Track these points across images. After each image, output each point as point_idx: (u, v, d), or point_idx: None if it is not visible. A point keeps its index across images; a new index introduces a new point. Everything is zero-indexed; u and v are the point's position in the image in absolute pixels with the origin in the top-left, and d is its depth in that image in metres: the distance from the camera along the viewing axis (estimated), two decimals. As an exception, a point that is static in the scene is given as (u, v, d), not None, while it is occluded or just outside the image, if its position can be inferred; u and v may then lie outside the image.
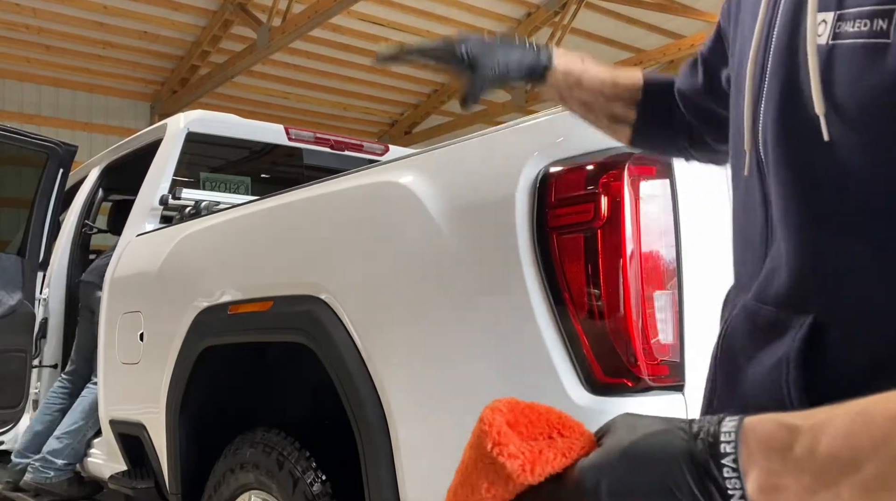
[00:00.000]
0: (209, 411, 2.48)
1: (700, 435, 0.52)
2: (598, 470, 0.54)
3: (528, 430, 0.56)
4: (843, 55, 0.62)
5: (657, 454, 0.52)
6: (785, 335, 0.67)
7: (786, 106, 0.68)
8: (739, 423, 0.51)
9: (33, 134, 3.59)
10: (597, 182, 1.50)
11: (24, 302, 3.47)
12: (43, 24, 8.39)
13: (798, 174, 0.67)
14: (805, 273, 0.68)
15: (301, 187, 2.26)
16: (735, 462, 0.50)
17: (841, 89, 0.62)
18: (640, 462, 0.53)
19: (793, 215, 0.68)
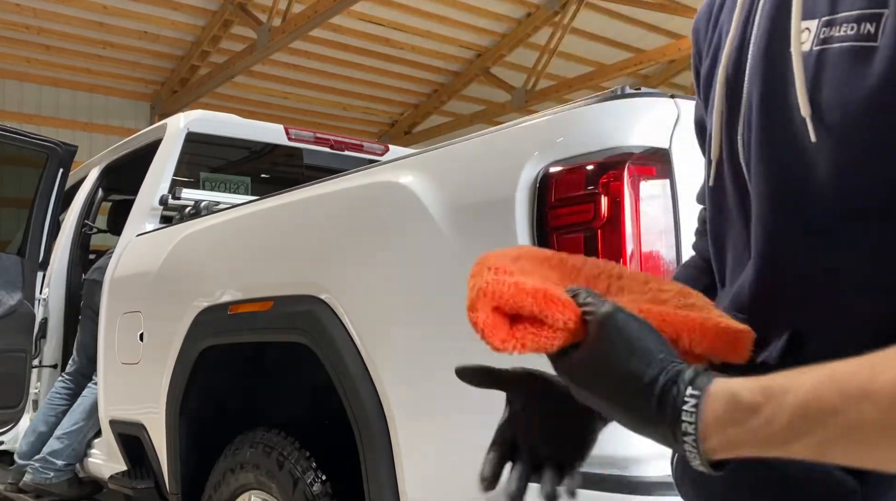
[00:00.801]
0: (209, 411, 2.48)
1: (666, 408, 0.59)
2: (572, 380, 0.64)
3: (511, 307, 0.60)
4: (830, 60, 0.62)
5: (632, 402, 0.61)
6: (767, 344, 0.67)
7: (769, 112, 0.68)
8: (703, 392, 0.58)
9: (33, 134, 3.59)
10: (597, 182, 1.50)
11: (24, 302, 3.47)
12: (43, 24, 8.39)
13: (779, 181, 0.67)
14: (782, 281, 0.67)
15: (301, 187, 2.26)
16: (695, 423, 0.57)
17: (826, 94, 0.63)
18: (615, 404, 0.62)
19: (771, 222, 0.68)
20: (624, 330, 0.62)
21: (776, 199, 0.68)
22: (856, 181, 0.61)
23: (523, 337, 0.61)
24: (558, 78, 10.48)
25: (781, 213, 0.67)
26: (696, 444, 0.58)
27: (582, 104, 1.61)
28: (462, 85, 11.11)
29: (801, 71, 0.64)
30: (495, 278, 0.61)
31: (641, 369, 0.60)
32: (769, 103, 0.68)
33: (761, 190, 0.69)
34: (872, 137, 0.60)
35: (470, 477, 1.67)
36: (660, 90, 1.69)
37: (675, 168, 1.53)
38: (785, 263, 0.67)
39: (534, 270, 0.66)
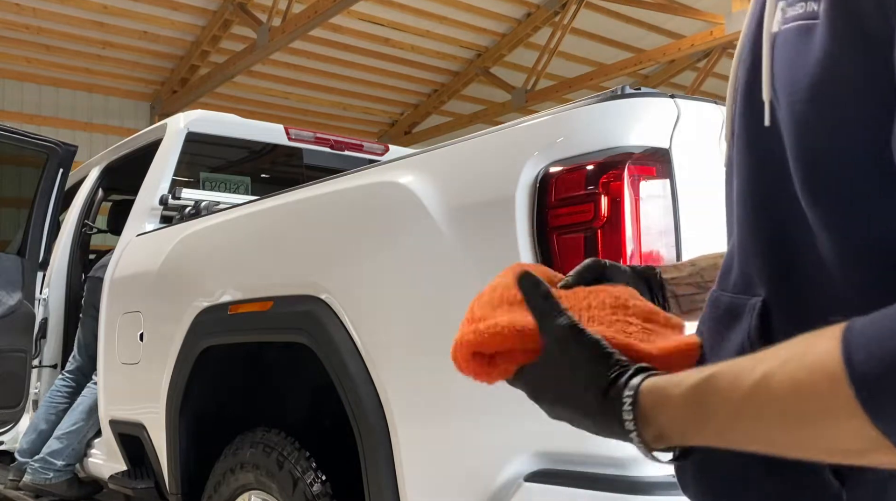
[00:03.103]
0: (209, 411, 2.48)
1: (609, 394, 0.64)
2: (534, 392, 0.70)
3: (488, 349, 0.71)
4: (782, 39, 0.63)
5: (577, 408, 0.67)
6: (741, 319, 0.69)
7: (748, 94, 0.69)
8: (637, 389, 0.63)
9: (33, 134, 3.59)
10: (597, 182, 1.50)
11: (24, 302, 3.47)
12: (43, 24, 8.39)
13: (751, 160, 0.69)
14: (752, 257, 0.69)
15: (301, 187, 2.26)
16: (634, 419, 0.63)
17: (778, 73, 0.63)
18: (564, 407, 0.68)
19: (742, 199, 0.70)
20: (567, 338, 0.68)
21: (747, 182, 0.70)
22: (802, 163, 0.62)
23: (503, 368, 0.71)
24: (558, 78, 10.48)
25: (750, 197, 0.69)
26: (640, 437, 0.63)
27: (582, 104, 1.61)
28: (462, 85, 11.11)
29: (767, 53, 0.65)
30: (467, 329, 0.73)
31: (586, 375, 0.66)
32: (749, 86, 0.69)
33: (737, 173, 0.71)
34: (813, 118, 0.60)
35: (470, 477, 1.67)
36: (660, 90, 1.69)
37: (675, 168, 1.53)
38: (753, 239, 0.69)
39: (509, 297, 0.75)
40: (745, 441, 0.58)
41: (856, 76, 0.57)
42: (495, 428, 1.57)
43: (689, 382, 0.61)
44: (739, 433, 0.58)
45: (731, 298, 0.72)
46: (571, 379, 0.67)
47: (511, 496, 1.53)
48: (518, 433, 1.53)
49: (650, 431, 0.63)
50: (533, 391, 0.71)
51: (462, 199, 1.69)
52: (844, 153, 0.59)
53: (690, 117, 1.59)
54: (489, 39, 10.43)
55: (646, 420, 0.63)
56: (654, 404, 0.62)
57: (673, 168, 1.53)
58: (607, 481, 1.41)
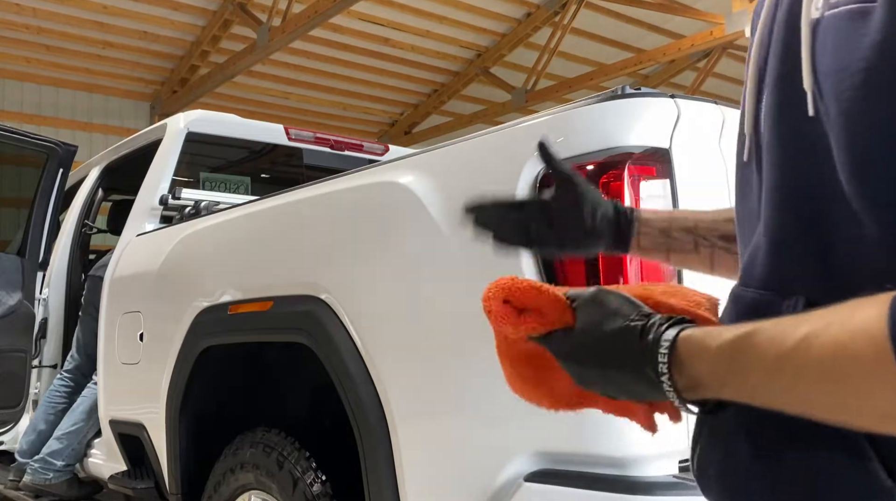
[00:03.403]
0: (209, 411, 2.48)
1: (647, 352, 0.66)
2: (567, 356, 0.72)
3: (518, 302, 0.75)
4: (831, 24, 0.61)
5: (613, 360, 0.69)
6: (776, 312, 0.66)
7: (782, 83, 0.67)
8: (675, 337, 0.65)
9: (33, 134, 3.59)
10: (597, 182, 1.50)
11: (24, 302, 3.47)
12: (43, 24, 8.39)
13: (786, 151, 0.67)
14: (788, 254, 0.67)
15: (301, 187, 2.26)
16: (669, 371, 0.64)
17: (824, 60, 0.61)
18: (600, 362, 0.70)
19: (776, 192, 0.68)
20: (606, 300, 0.72)
21: (783, 175, 0.67)
22: (850, 155, 0.59)
23: (528, 324, 0.74)
24: (558, 78, 10.48)
25: (786, 190, 0.67)
26: (672, 383, 0.64)
27: (582, 104, 1.61)
28: (462, 85, 11.11)
29: (807, 40, 0.63)
30: (504, 280, 0.77)
31: (624, 322, 0.69)
32: (783, 76, 0.67)
33: (770, 163, 0.69)
34: (865, 106, 0.57)
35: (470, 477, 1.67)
36: (660, 90, 1.69)
37: (675, 168, 1.53)
38: (788, 233, 0.67)
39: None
40: (780, 398, 0.58)
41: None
42: (495, 428, 1.57)
43: (728, 335, 0.62)
44: (776, 390, 0.58)
45: (757, 295, 0.70)
46: (605, 334, 0.69)
47: (511, 496, 1.53)
48: (518, 433, 1.53)
49: (683, 379, 0.64)
50: (562, 352, 0.73)
51: (462, 199, 1.69)
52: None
53: (690, 117, 1.59)
54: (489, 39, 10.43)
55: (680, 368, 0.64)
56: (691, 353, 0.64)
57: (673, 168, 1.53)
58: (607, 481, 1.41)
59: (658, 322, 0.67)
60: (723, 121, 1.64)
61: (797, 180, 0.66)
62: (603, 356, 0.69)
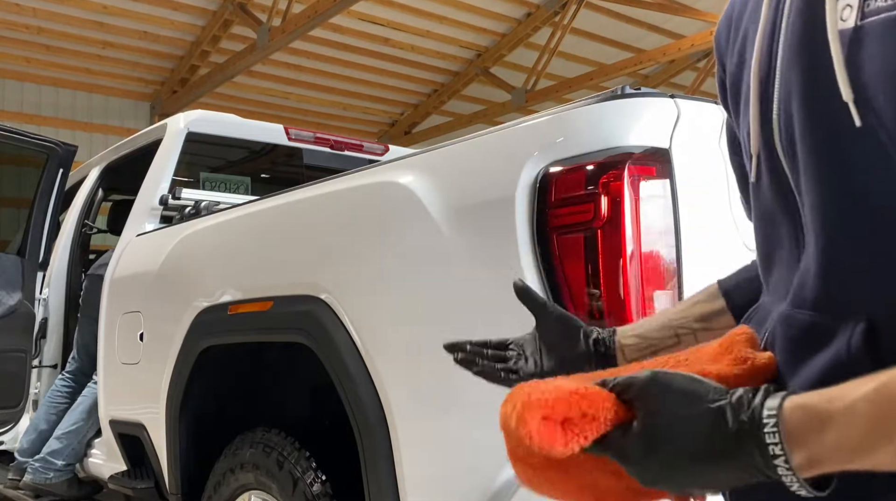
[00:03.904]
0: (209, 411, 2.48)
1: (741, 417, 0.58)
2: (637, 455, 0.62)
3: (559, 414, 0.63)
4: (872, 32, 0.59)
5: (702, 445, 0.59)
6: (832, 340, 0.64)
7: (811, 100, 0.65)
8: (779, 409, 0.57)
9: (33, 134, 3.59)
10: (597, 182, 1.50)
11: (24, 302, 3.47)
12: (43, 24, 8.38)
13: (829, 167, 0.64)
14: (842, 272, 0.64)
15: (301, 187, 2.26)
16: (780, 442, 0.56)
17: (869, 68, 0.59)
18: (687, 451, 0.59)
19: (825, 211, 0.65)
20: (671, 383, 0.62)
21: (831, 188, 0.64)
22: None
23: (581, 437, 0.63)
24: (558, 78, 10.48)
25: (840, 202, 0.64)
26: (789, 464, 0.56)
27: (582, 104, 1.61)
28: (462, 85, 11.11)
29: (838, 52, 0.61)
30: (535, 388, 0.65)
31: (704, 405, 0.60)
32: (811, 91, 0.65)
33: (814, 181, 0.66)
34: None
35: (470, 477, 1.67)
36: (660, 90, 1.69)
37: (675, 168, 1.53)
38: (849, 252, 0.64)
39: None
40: None
41: None
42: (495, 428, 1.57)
43: (853, 395, 0.54)
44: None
45: (811, 316, 0.67)
46: (685, 423, 0.60)
47: (511, 496, 1.53)
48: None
49: (800, 455, 0.56)
50: (630, 454, 0.63)
51: (462, 199, 1.69)
52: None
53: (690, 117, 1.59)
54: (489, 39, 10.43)
55: (795, 443, 0.56)
56: (806, 423, 0.56)
57: (673, 168, 1.52)
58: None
59: (745, 396, 0.59)
60: (723, 121, 1.64)
61: (844, 195, 0.63)
62: (687, 449, 0.60)
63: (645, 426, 0.62)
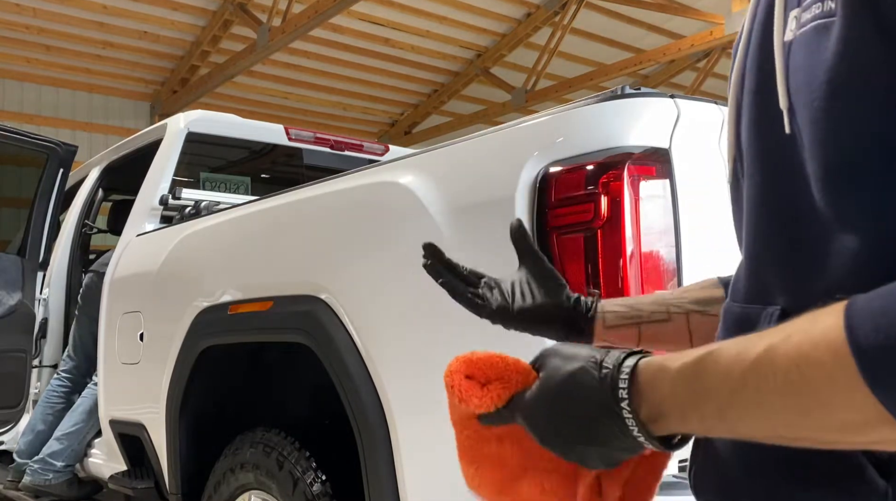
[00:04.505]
0: (209, 411, 2.48)
1: (606, 380, 0.64)
2: (532, 409, 0.69)
3: (482, 375, 0.73)
4: (801, 42, 0.63)
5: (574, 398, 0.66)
6: (755, 328, 0.67)
7: (758, 103, 0.69)
8: (634, 366, 0.64)
9: (33, 134, 3.59)
10: (597, 182, 1.50)
11: (24, 302, 3.47)
12: (43, 24, 8.39)
13: (766, 170, 0.68)
14: (768, 267, 0.69)
15: (301, 187, 2.26)
16: (630, 404, 0.62)
17: (797, 76, 0.63)
18: (563, 405, 0.67)
19: (757, 209, 0.70)
20: (561, 348, 0.70)
21: (763, 192, 0.69)
22: (822, 163, 0.61)
23: (492, 393, 0.72)
24: (558, 78, 10.48)
25: (766, 207, 0.69)
26: (634, 414, 0.62)
27: (582, 104, 1.61)
28: (462, 85, 11.11)
29: (780, 61, 0.65)
30: (470, 353, 0.76)
31: (579, 362, 0.66)
32: (759, 97, 0.69)
33: (750, 183, 0.71)
34: (834, 114, 0.59)
35: (470, 477, 1.66)
36: (660, 90, 1.69)
37: (675, 168, 1.53)
38: (765, 249, 0.69)
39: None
40: (744, 419, 0.58)
41: (876, 64, 0.57)
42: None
43: (689, 357, 0.61)
44: (740, 409, 0.57)
45: (742, 308, 0.72)
46: (564, 377, 0.67)
47: (511, 496, 1.53)
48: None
49: (645, 408, 0.62)
50: (524, 410, 0.70)
51: (462, 199, 1.70)
52: (867, 145, 0.58)
53: (690, 117, 1.59)
54: (489, 39, 10.43)
55: (641, 396, 0.62)
56: (652, 378, 0.62)
57: (673, 168, 1.53)
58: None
59: (616, 354, 0.66)
60: (723, 121, 1.64)
61: (775, 196, 0.67)
62: (563, 401, 0.67)
63: (538, 386, 0.69)
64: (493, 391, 0.72)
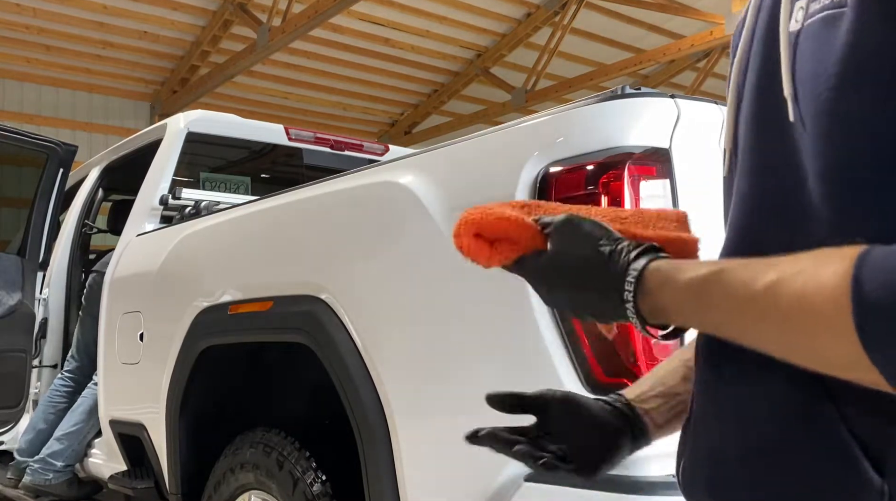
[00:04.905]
0: (209, 411, 2.48)
1: (615, 276, 0.68)
2: (541, 277, 0.74)
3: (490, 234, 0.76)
4: (809, 33, 0.63)
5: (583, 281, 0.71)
6: None
7: (761, 93, 0.69)
8: (643, 268, 0.67)
9: (33, 134, 3.59)
10: (597, 182, 1.50)
11: (24, 302, 3.47)
12: (43, 24, 8.38)
13: (761, 159, 0.69)
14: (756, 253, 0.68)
15: (301, 187, 2.26)
16: (634, 299, 0.67)
17: (804, 66, 0.63)
18: (571, 282, 0.71)
19: (748, 200, 0.70)
20: (580, 224, 0.73)
21: (755, 182, 0.69)
22: (824, 156, 0.60)
23: (500, 254, 0.76)
24: (558, 78, 10.48)
25: (758, 198, 0.69)
26: (636, 309, 0.67)
27: (582, 104, 1.61)
28: (462, 85, 11.11)
29: (786, 50, 0.65)
30: (474, 211, 0.77)
31: (594, 246, 0.70)
32: (762, 86, 0.69)
33: (742, 173, 0.71)
34: (841, 105, 0.59)
35: (470, 477, 1.67)
36: (660, 90, 1.69)
37: (675, 168, 1.53)
38: (746, 244, 0.69)
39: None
40: (739, 334, 0.61)
41: (887, 56, 0.56)
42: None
43: (698, 271, 0.64)
44: (737, 327, 0.61)
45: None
46: (576, 257, 0.71)
47: (511, 496, 1.53)
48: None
49: (647, 306, 0.67)
50: (533, 274, 0.74)
51: (462, 199, 1.69)
52: (875, 139, 0.58)
53: (690, 117, 1.59)
54: (489, 39, 10.43)
55: (645, 297, 0.66)
56: (659, 284, 0.66)
57: (673, 168, 1.52)
58: (607, 481, 1.41)
59: (627, 249, 0.69)
60: (723, 121, 1.64)
61: (770, 192, 0.67)
62: (572, 278, 0.71)
63: (550, 255, 0.73)
64: (501, 251, 0.75)
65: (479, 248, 0.76)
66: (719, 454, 0.69)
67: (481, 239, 0.76)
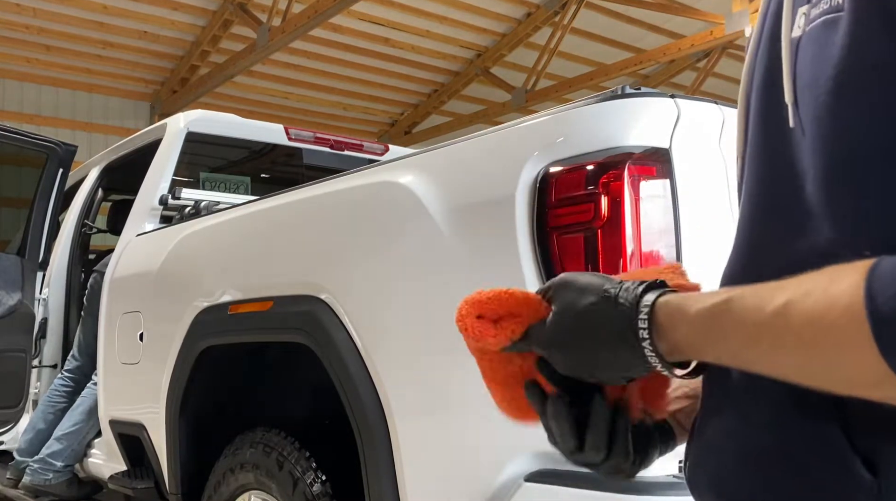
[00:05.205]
0: (209, 411, 2.48)
1: (624, 317, 0.66)
2: (551, 342, 0.71)
3: (492, 313, 0.74)
4: (810, 38, 0.63)
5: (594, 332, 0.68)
6: None
7: (765, 98, 0.69)
8: (653, 303, 0.65)
9: (33, 134, 3.59)
10: (597, 182, 1.50)
11: (24, 302, 3.47)
12: (43, 24, 8.38)
13: (767, 164, 0.68)
14: (762, 263, 0.68)
15: (301, 187, 2.26)
16: (650, 336, 0.65)
17: (804, 72, 0.63)
18: (582, 339, 0.68)
19: (756, 206, 0.70)
20: (576, 279, 0.71)
21: (762, 188, 0.69)
22: (823, 159, 0.60)
23: (506, 329, 0.74)
24: (558, 78, 10.48)
25: (765, 203, 0.69)
26: (654, 347, 0.65)
27: (582, 104, 1.61)
28: (462, 85, 11.11)
29: (787, 56, 0.65)
30: (472, 294, 0.77)
31: (598, 293, 0.68)
32: (766, 93, 0.69)
33: (751, 179, 0.70)
34: (839, 108, 0.59)
35: (470, 477, 1.67)
36: (660, 90, 1.69)
37: (675, 168, 1.53)
38: (751, 250, 0.69)
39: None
40: (756, 363, 0.60)
41: (884, 59, 0.56)
42: (495, 428, 1.57)
43: (707, 302, 0.62)
44: (753, 355, 0.60)
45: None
46: (581, 309, 0.68)
47: (511, 496, 1.53)
48: (518, 433, 1.52)
49: (664, 344, 0.65)
50: (543, 342, 0.71)
51: (462, 199, 1.69)
52: (871, 142, 0.58)
53: (690, 117, 1.59)
54: (489, 39, 10.43)
55: (660, 333, 0.64)
56: (670, 317, 0.64)
57: (673, 168, 1.52)
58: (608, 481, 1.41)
59: (632, 287, 0.67)
60: (723, 121, 1.64)
61: (775, 193, 0.67)
62: (583, 331, 0.68)
63: (554, 316, 0.70)
64: (506, 327, 0.73)
65: (483, 328, 0.74)
66: (720, 451, 0.70)
67: (484, 320, 0.75)
